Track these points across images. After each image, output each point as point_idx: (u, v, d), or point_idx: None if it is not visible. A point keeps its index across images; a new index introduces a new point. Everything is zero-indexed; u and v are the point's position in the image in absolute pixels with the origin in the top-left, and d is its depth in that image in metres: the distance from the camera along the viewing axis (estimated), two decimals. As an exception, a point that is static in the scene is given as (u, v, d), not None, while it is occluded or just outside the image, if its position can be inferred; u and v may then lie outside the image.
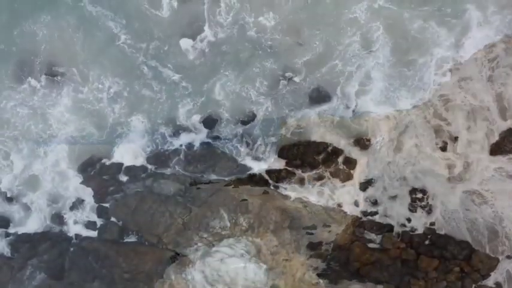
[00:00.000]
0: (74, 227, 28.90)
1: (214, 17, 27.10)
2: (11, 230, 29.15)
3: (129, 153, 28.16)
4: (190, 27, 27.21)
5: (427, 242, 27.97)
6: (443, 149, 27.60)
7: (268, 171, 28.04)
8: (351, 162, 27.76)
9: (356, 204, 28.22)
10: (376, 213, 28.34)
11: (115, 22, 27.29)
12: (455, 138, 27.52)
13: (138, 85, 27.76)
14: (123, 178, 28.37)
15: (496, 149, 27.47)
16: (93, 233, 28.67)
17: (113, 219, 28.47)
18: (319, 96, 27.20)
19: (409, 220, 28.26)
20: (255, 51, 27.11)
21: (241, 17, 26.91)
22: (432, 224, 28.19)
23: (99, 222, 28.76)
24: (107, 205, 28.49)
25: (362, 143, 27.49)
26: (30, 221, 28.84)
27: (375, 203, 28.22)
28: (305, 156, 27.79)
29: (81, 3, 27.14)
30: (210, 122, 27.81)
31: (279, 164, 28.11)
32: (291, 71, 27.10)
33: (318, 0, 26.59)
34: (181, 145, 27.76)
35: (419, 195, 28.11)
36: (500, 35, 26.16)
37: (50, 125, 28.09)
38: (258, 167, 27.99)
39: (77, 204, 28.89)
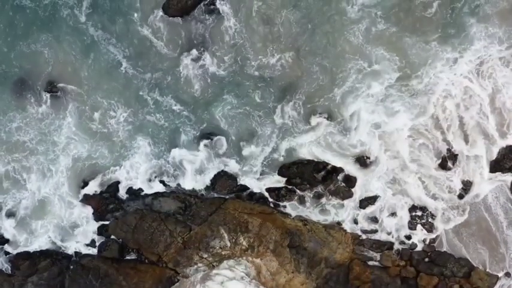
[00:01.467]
0: (74, 245, 28.84)
1: (217, 52, 27.12)
2: (12, 247, 29.04)
3: (129, 173, 28.08)
4: (192, 58, 27.23)
5: (426, 260, 28.09)
6: (443, 166, 27.60)
7: (268, 189, 28.05)
8: (350, 180, 27.75)
9: (356, 221, 28.28)
10: (375, 230, 28.40)
11: (117, 48, 27.27)
12: (455, 156, 27.54)
13: (141, 109, 27.72)
14: (123, 196, 28.36)
15: (496, 167, 27.50)
16: (93, 251, 28.66)
17: (112, 237, 28.45)
18: (318, 120, 27.21)
19: (408, 237, 28.34)
20: (255, 82, 27.12)
21: (243, 51, 26.99)
22: (432, 241, 28.28)
23: (99, 240, 28.72)
24: (106, 223, 28.45)
25: (362, 160, 27.47)
26: (34, 240, 28.74)
27: (374, 220, 28.28)
28: (305, 174, 27.78)
29: (84, 25, 27.08)
30: (211, 145, 27.85)
31: (279, 181, 28.09)
32: (291, 98, 27.05)
33: (316, 27, 26.57)
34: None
35: (419, 213, 28.17)
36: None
37: (55, 146, 27.97)
38: (257, 185, 27.97)
39: (78, 221, 28.86)
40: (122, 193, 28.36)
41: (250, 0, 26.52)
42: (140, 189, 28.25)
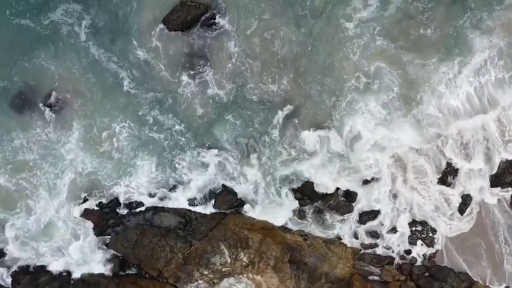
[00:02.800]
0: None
1: (217, 74, 27.20)
2: (13, 262, 29.08)
3: (130, 188, 28.12)
4: (191, 78, 27.32)
5: (427, 274, 28.19)
6: (443, 181, 27.64)
7: (269, 204, 28.12)
8: (351, 195, 27.76)
9: (356, 236, 28.32)
10: (376, 245, 28.44)
11: (118, 66, 27.33)
12: (456, 170, 27.55)
13: (144, 127, 27.83)
14: (124, 211, 28.33)
15: (496, 181, 27.52)
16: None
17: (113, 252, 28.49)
18: (319, 142, 27.18)
19: (409, 252, 28.40)
20: (256, 104, 27.16)
21: (243, 71, 27.05)
22: (432, 255, 28.36)
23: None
24: (107, 238, 28.46)
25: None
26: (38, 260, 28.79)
27: (374, 235, 28.30)
28: (305, 189, 27.78)
29: (85, 44, 27.18)
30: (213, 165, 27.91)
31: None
32: (292, 121, 27.08)
33: (316, 46, 26.57)
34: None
35: (419, 228, 28.21)
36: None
37: (58, 163, 28.00)
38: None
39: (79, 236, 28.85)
40: (123, 208, 28.34)
41: (250, 18, 26.56)
42: (141, 204, 28.24)
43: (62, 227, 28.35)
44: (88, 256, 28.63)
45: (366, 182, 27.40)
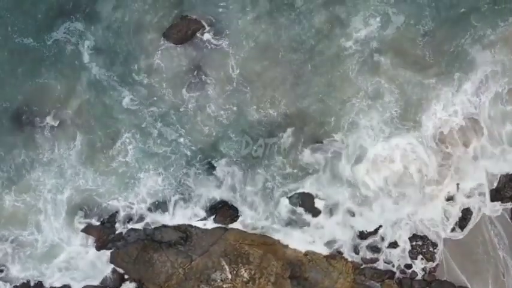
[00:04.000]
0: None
1: (217, 95, 27.60)
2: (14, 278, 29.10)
3: (132, 203, 28.30)
4: (191, 96, 27.69)
5: (427, 289, 28.22)
6: (444, 196, 27.72)
7: (269, 218, 28.20)
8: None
9: (356, 251, 28.36)
10: (376, 260, 28.47)
11: (120, 84, 27.72)
12: (457, 185, 27.62)
13: (146, 142, 28.02)
14: (124, 226, 28.39)
15: (497, 195, 27.57)
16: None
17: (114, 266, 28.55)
18: (321, 161, 27.46)
19: (409, 267, 28.40)
20: (258, 128, 27.43)
21: (244, 99, 27.44)
22: (432, 270, 28.35)
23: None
24: (108, 252, 28.50)
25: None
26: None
27: (375, 250, 28.34)
28: (305, 203, 27.87)
29: (89, 65, 27.59)
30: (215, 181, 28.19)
31: (280, 211, 28.25)
32: (295, 142, 27.32)
33: (317, 67, 26.86)
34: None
35: (420, 242, 28.24)
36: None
37: (61, 179, 28.23)
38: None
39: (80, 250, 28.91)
40: (123, 223, 28.41)
41: (249, 37, 26.91)
42: (141, 219, 28.34)
43: (63, 241, 28.38)
44: (89, 270, 28.65)
45: (368, 200, 27.52)
